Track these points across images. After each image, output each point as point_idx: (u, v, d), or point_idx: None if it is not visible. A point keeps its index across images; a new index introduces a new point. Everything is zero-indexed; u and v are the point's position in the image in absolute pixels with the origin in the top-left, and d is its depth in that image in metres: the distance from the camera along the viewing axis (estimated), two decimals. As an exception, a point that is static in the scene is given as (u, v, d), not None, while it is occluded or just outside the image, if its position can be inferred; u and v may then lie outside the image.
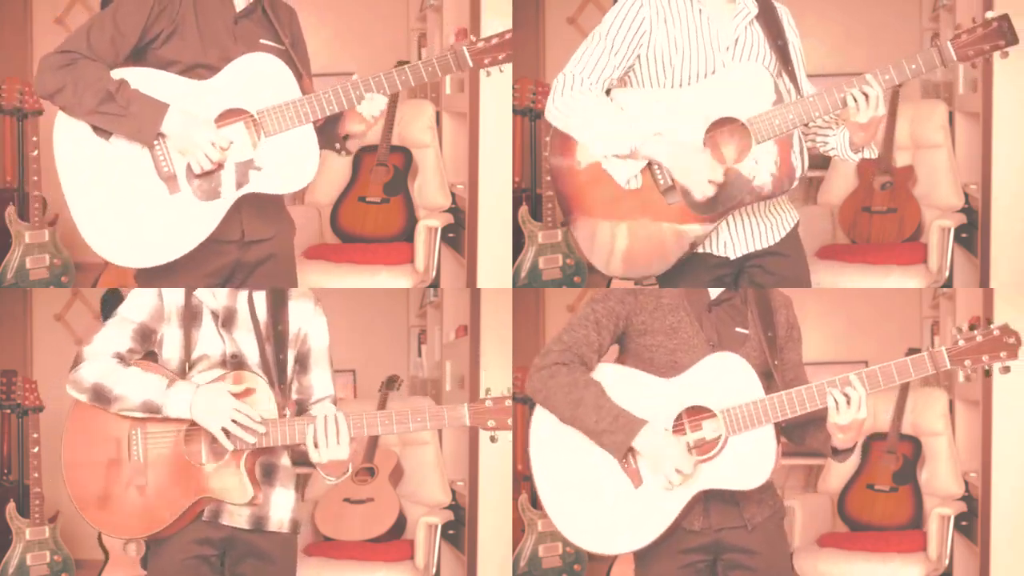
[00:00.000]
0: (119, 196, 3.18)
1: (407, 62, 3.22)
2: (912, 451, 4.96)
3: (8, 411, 4.92)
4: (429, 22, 5.32)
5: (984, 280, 4.65)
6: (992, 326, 3.00)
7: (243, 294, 3.13)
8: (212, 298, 3.11)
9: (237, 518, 3.08)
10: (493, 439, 3.05)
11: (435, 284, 4.93)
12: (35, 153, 4.88)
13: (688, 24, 3.20)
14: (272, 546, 3.11)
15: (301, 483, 5.12)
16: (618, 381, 3.04)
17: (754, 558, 3.06)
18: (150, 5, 3.20)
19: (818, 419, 3.04)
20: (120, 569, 4.81)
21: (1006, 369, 3.02)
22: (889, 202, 5.10)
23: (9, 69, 5.05)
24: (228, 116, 3.18)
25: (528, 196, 5.00)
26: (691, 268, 3.25)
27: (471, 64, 3.24)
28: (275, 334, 3.11)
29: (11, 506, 4.81)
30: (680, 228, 3.20)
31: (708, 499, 3.03)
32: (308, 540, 4.95)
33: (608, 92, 3.23)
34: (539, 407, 3.08)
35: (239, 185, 3.19)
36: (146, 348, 3.11)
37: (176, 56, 3.21)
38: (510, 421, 3.02)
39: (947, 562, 4.74)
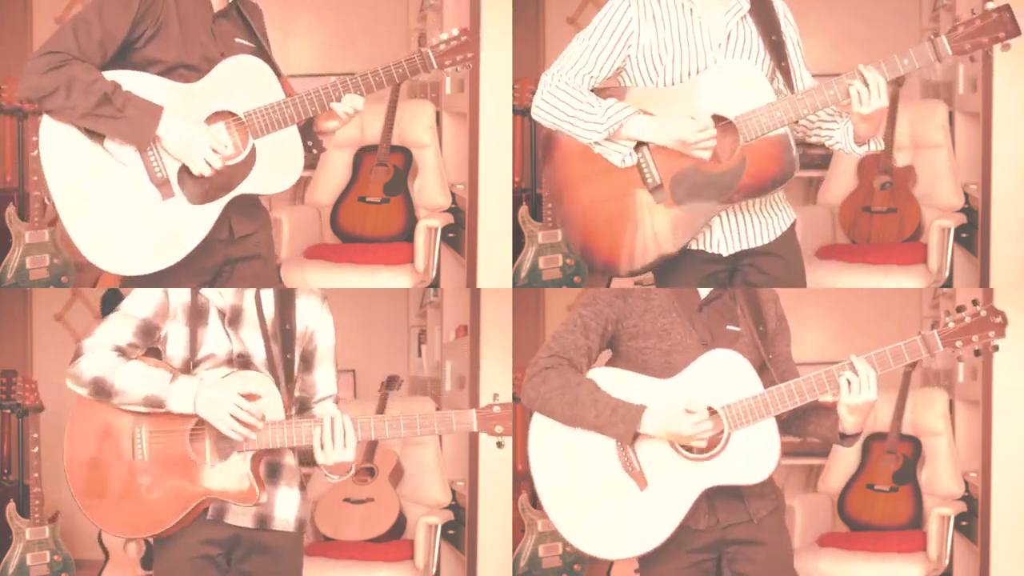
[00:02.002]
0: (110, 202, 3.15)
1: (408, 62, 3.25)
2: (912, 451, 4.96)
3: (8, 411, 4.92)
4: (429, 22, 5.32)
5: (984, 280, 4.65)
6: (978, 306, 3.01)
7: (250, 292, 3.12)
8: (219, 297, 3.10)
9: (241, 517, 3.07)
10: (500, 445, 3.05)
11: (435, 284, 4.93)
12: (35, 153, 4.81)
13: (677, 23, 3.20)
14: (277, 545, 3.11)
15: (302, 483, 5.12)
16: (614, 385, 3.03)
17: (759, 549, 3.07)
18: (136, 5, 3.16)
19: (820, 407, 3.05)
20: (120, 569, 4.81)
21: (995, 348, 3.02)
22: (889, 202, 5.10)
23: (9, 69, 5.05)
24: (215, 119, 3.18)
25: (528, 196, 5.00)
26: (683, 265, 3.26)
27: (435, 66, 3.25)
28: (282, 332, 3.09)
29: (11, 506, 4.81)
30: (668, 225, 3.20)
31: (712, 497, 3.03)
32: (308, 540, 4.95)
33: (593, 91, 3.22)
34: (535, 414, 3.07)
35: (230, 187, 3.19)
36: (147, 344, 3.08)
37: (159, 56, 3.18)
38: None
39: (947, 562, 4.74)
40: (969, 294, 4.75)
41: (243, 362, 3.07)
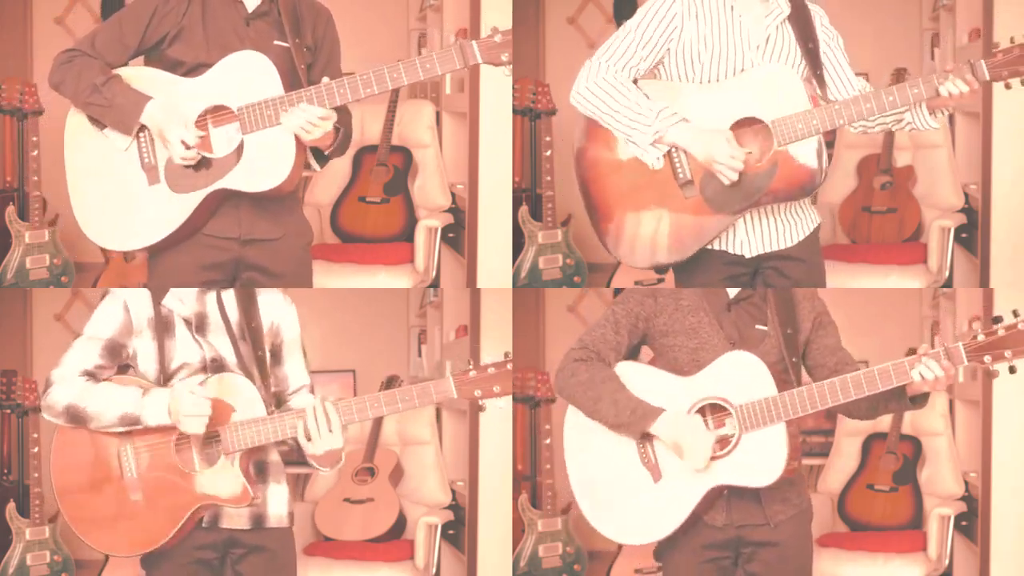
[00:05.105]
0: (108, 182, 3.29)
1: (407, 62, 3.23)
2: (912, 451, 4.96)
3: (8, 411, 4.92)
4: (429, 22, 5.32)
5: (984, 280, 4.65)
6: (1017, 319, 2.88)
7: (211, 296, 3.13)
8: (181, 304, 3.11)
9: (237, 519, 3.07)
10: (481, 407, 3.04)
11: (435, 284, 4.93)
12: (35, 153, 4.88)
13: (719, 21, 3.22)
14: (272, 541, 3.11)
15: (300, 483, 5.12)
16: (637, 378, 3.11)
17: (774, 550, 3.10)
18: (152, 10, 3.29)
19: (886, 391, 3.02)
20: (120, 569, 4.81)
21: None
22: (889, 202, 5.10)
23: (9, 69, 5.05)
24: (215, 112, 3.23)
25: (528, 196, 5.00)
26: (705, 264, 3.28)
27: (480, 60, 3.21)
28: (250, 331, 3.10)
29: (11, 506, 4.81)
30: (695, 222, 3.23)
31: (730, 495, 3.08)
32: (308, 540, 4.95)
33: (635, 83, 3.25)
34: (570, 405, 3.16)
35: (212, 180, 3.23)
36: (115, 363, 3.10)
37: (181, 57, 3.28)
38: (497, 388, 2.99)
39: (947, 562, 4.74)
40: (969, 294, 4.75)
41: (217, 366, 3.07)
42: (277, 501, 3.12)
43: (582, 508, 3.16)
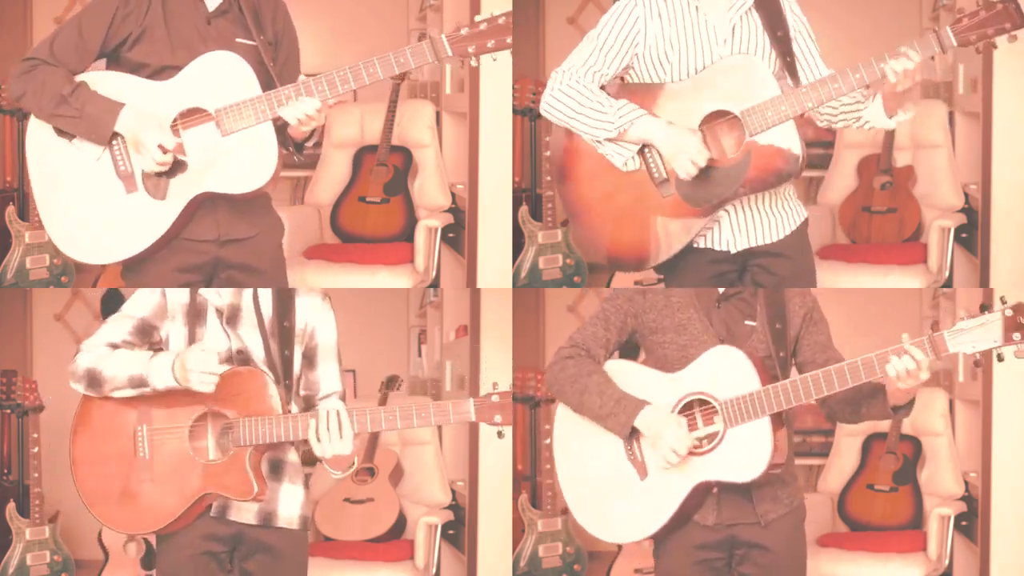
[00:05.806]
0: (81, 194, 3.23)
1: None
2: (912, 451, 4.96)
3: (8, 411, 4.92)
4: (429, 22, 5.32)
5: (984, 280, 4.65)
6: (1004, 306, 2.86)
7: (248, 292, 3.13)
8: (217, 296, 3.12)
9: (245, 514, 3.09)
10: (500, 435, 3.05)
11: (435, 284, 4.93)
12: (35, 153, 4.87)
13: (683, 20, 3.22)
14: (281, 542, 3.12)
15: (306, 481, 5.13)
16: (625, 376, 3.12)
17: (767, 555, 3.10)
18: (113, 11, 3.22)
19: (865, 390, 3.03)
20: (120, 569, 4.81)
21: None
22: (889, 202, 5.10)
23: (9, 69, 5.04)
24: (189, 115, 3.19)
25: (528, 196, 5.00)
26: (691, 263, 3.28)
27: (450, 53, 3.20)
28: (280, 330, 3.10)
29: (11, 506, 4.81)
30: (676, 221, 3.21)
31: (721, 493, 3.07)
32: (309, 540, 4.95)
33: (603, 88, 3.25)
34: (560, 403, 3.18)
35: (192, 184, 3.19)
36: (145, 343, 3.12)
37: (145, 59, 3.22)
38: (498, 418, 3.01)
39: (947, 562, 4.74)
40: (969, 294, 4.75)
41: (243, 359, 3.09)
42: (289, 502, 3.13)
43: (570, 506, 3.17)
